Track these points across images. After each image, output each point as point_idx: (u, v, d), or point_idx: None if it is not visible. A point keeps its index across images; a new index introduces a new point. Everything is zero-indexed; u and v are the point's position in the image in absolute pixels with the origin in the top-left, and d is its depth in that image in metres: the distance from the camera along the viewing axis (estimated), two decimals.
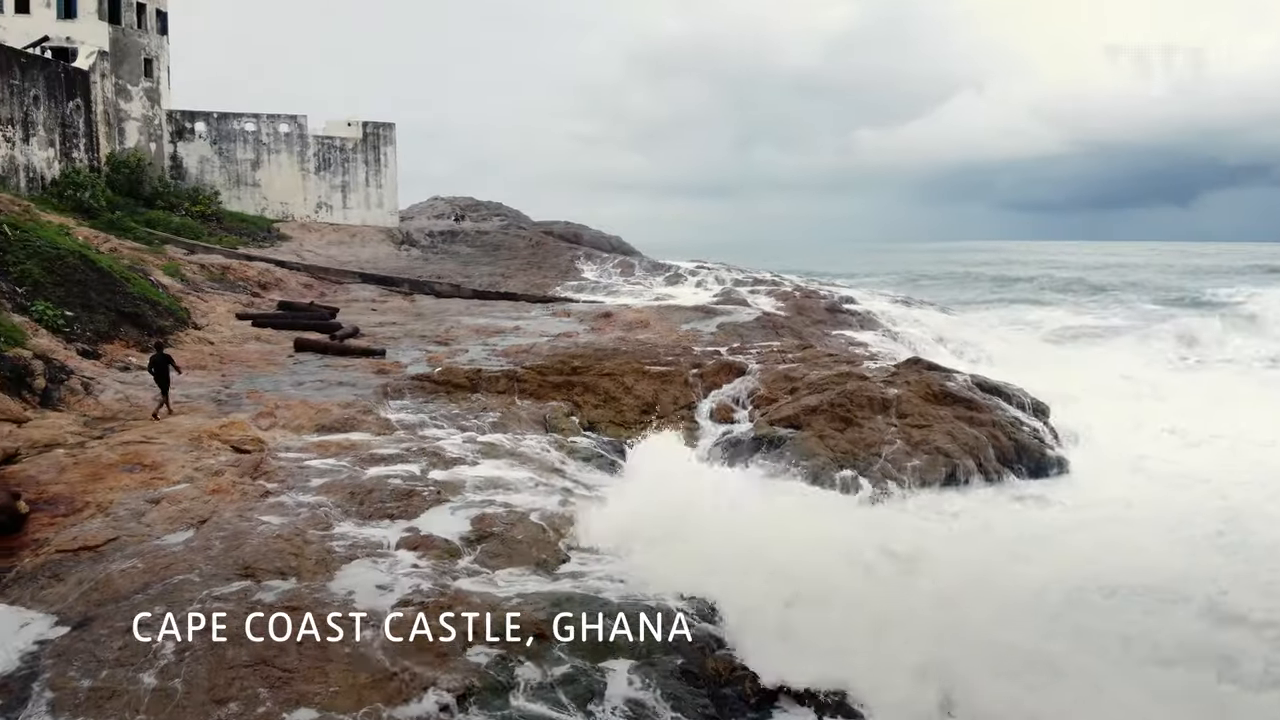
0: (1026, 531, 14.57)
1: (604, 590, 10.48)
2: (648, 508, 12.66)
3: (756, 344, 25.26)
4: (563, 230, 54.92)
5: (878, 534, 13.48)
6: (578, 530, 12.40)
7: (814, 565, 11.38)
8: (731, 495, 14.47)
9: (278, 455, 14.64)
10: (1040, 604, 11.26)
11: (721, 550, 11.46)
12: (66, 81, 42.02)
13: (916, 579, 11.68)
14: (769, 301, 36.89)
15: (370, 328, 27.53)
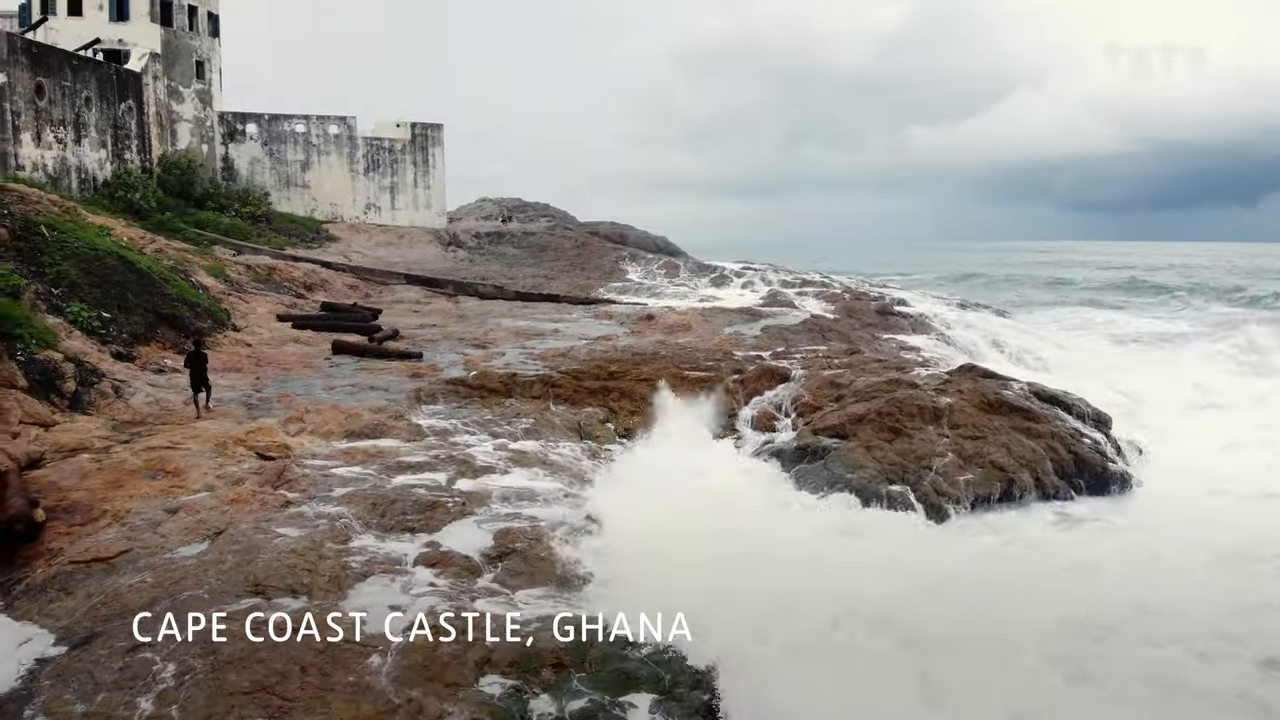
0: (1082, 556, 13.51)
1: (628, 616, 9.81)
2: (680, 526, 11.98)
3: (802, 349, 24.43)
4: (608, 231, 54.47)
5: (925, 558, 12.66)
6: (605, 548, 11.76)
7: (859, 596, 10.61)
8: (773, 513, 13.72)
9: (303, 463, 14.24)
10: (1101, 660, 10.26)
11: (749, 575, 10.75)
12: (118, 83, 42.52)
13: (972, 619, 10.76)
14: (817, 304, 35.97)
15: (411, 329, 27.23)
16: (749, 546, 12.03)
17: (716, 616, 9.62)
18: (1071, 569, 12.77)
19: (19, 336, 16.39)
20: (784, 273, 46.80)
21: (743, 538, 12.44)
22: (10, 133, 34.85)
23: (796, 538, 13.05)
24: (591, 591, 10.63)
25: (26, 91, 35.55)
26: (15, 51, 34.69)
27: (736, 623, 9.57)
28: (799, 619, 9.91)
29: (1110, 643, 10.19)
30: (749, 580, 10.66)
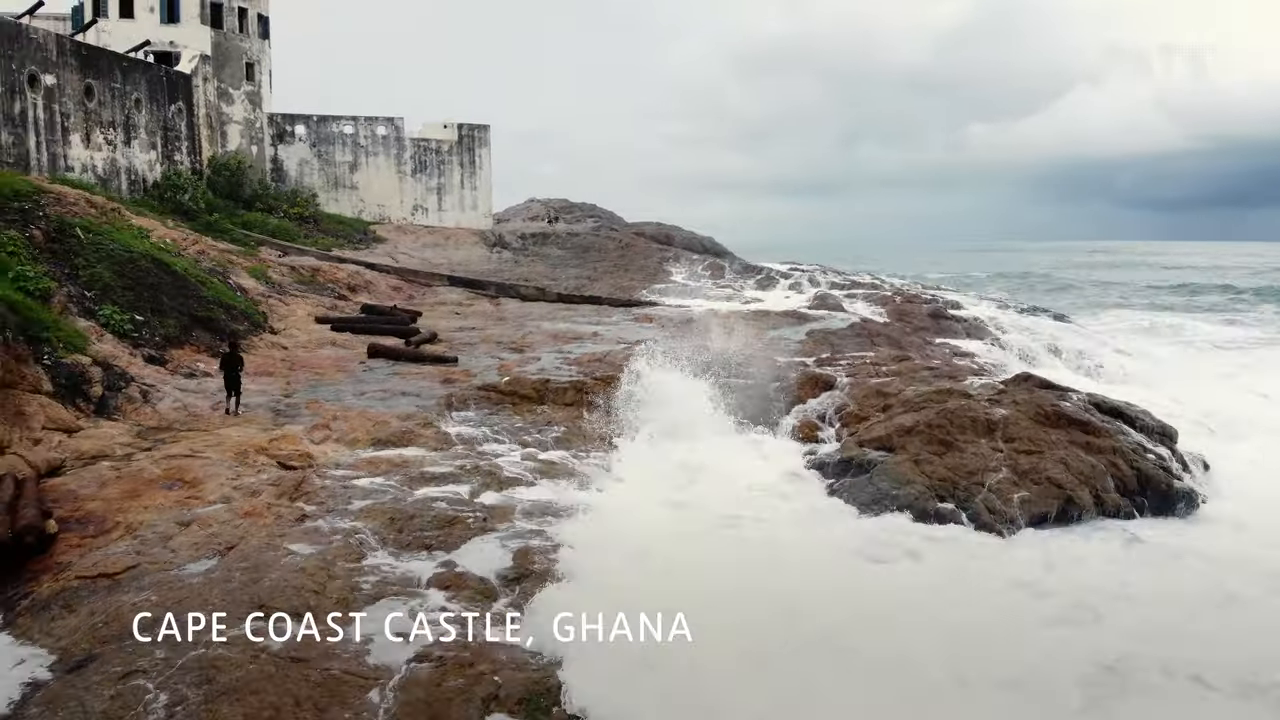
0: (1144, 586, 12.47)
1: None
2: (705, 547, 11.27)
3: (848, 354, 23.52)
4: (654, 231, 53.80)
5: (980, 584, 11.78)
6: (627, 569, 11.09)
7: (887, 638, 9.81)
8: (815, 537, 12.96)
9: (324, 473, 13.79)
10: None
11: (791, 619, 9.99)
12: (168, 85, 42.88)
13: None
14: (866, 307, 34.90)
15: (450, 332, 26.84)
16: (786, 575, 11.27)
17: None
18: (1131, 599, 11.77)
19: (46, 340, 16.21)
20: (833, 274, 45.70)
21: (781, 565, 11.68)
22: (59, 134, 35.20)
23: (836, 564, 12.24)
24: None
25: (75, 93, 35.88)
26: (64, 53, 35.01)
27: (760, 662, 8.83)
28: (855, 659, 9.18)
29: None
30: (793, 626, 9.85)
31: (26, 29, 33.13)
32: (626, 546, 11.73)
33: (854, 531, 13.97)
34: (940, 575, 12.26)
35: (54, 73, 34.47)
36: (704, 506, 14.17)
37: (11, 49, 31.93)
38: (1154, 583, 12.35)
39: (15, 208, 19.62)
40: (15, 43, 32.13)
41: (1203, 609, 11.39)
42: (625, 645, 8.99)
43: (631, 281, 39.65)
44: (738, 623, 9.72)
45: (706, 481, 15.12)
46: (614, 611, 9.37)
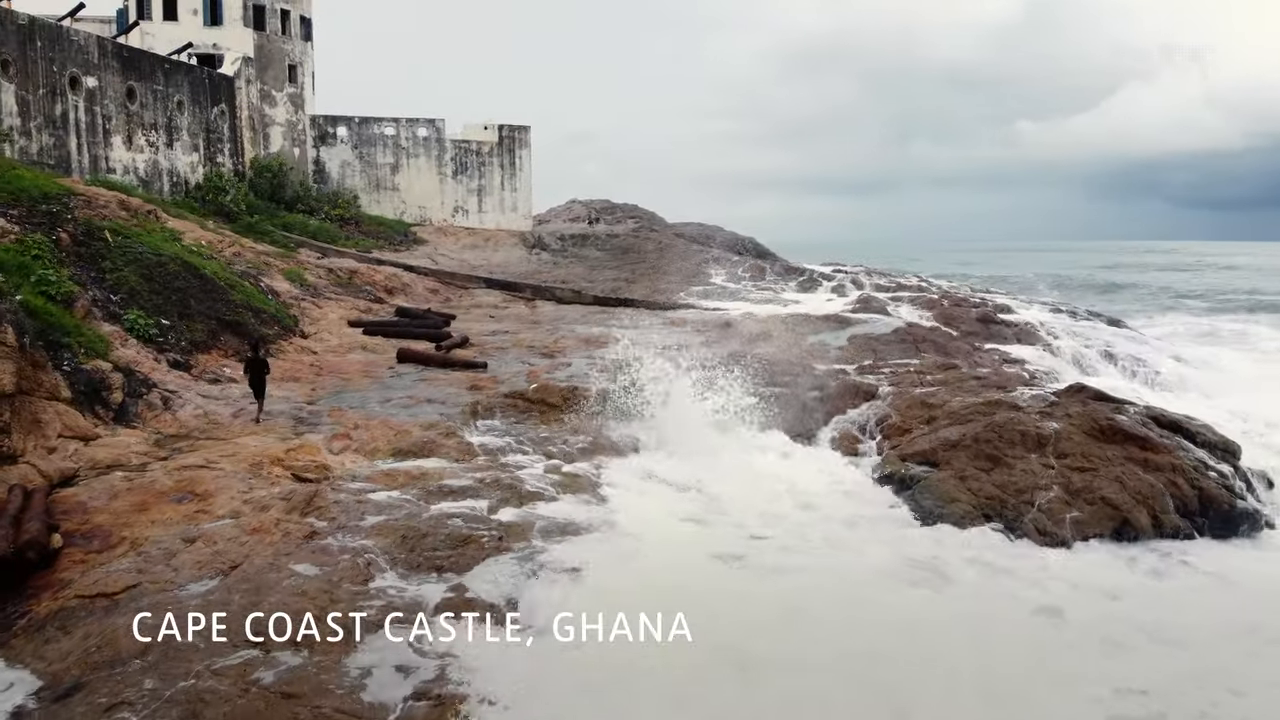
0: (1198, 616, 11.52)
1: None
2: (730, 574, 10.56)
3: (892, 361, 22.62)
4: (694, 232, 53.06)
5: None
6: (646, 597, 10.42)
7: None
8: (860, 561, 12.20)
9: (339, 486, 13.32)
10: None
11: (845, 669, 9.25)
12: (211, 87, 43.10)
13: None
14: (912, 310, 33.86)
15: (482, 336, 26.39)
16: (832, 606, 10.52)
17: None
18: (1184, 629, 10.83)
19: (66, 346, 15.96)
20: (878, 276, 44.59)
21: (824, 593, 10.93)
22: (101, 136, 35.41)
23: (874, 585, 11.45)
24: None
25: (117, 95, 36.09)
26: (105, 55, 35.20)
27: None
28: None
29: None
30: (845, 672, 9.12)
31: (67, 31, 33.30)
32: (644, 570, 11.08)
33: (894, 550, 13.15)
34: (977, 601, 11.43)
35: (95, 75, 34.68)
36: (733, 523, 13.47)
37: (52, 51, 32.14)
38: (1210, 613, 11.40)
39: (43, 210, 19.49)
40: (56, 45, 32.35)
41: (1266, 647, 10.45)
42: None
43: (670, 284, 38.96)
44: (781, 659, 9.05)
45: (735, 496, 14.38)
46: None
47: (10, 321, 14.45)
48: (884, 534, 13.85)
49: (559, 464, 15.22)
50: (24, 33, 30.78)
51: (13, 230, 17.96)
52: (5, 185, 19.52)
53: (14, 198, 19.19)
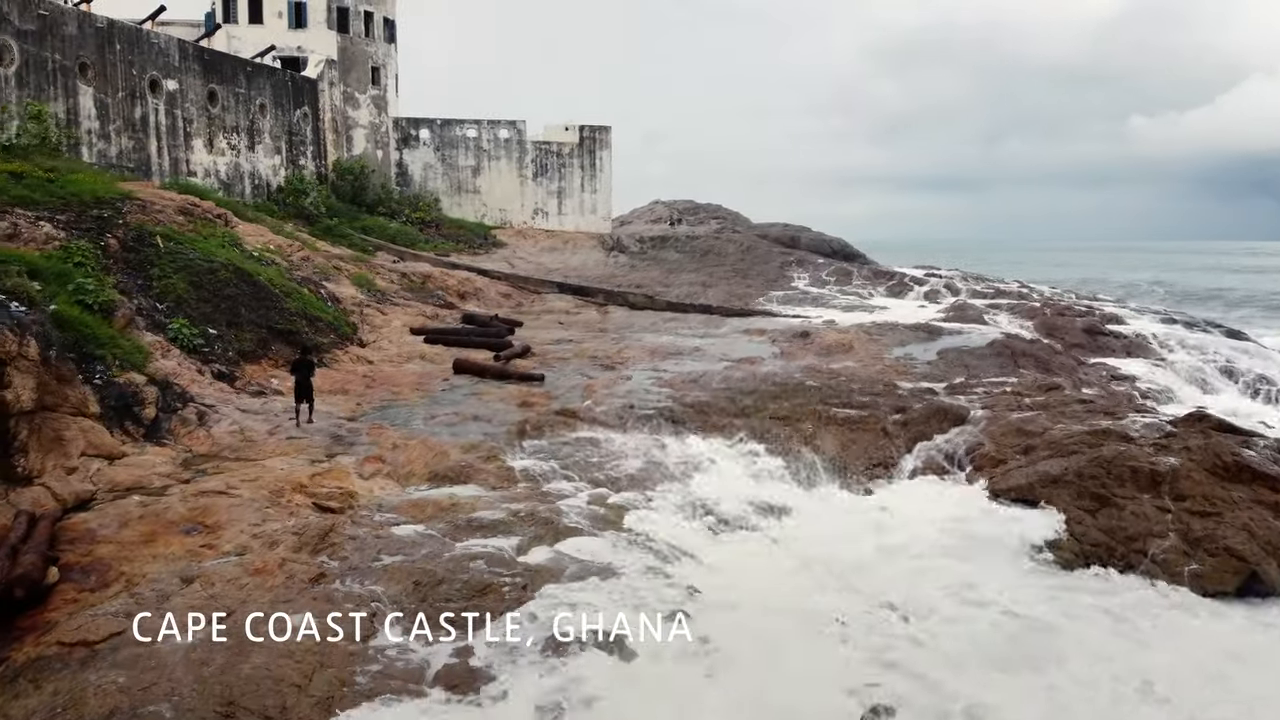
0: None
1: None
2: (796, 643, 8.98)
3: (986, 379, 20.59)
4: (778, 233, 51.12)
5: None
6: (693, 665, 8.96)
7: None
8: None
9: (359, 518, 12.22)
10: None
11: None
12: (293, 90, 43.19)
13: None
14: (1010, 319, 31.51)
15: (546, 345, 25.27)
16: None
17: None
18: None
19: (100, 358, 15.31)
20: (974, 280, 42.10)
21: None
22: (181, 139, 35.55)
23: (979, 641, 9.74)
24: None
25: (198, 98, 36.21)
26: (186, 58, 35.34)
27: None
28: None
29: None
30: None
31: (147, 34, 33.45)
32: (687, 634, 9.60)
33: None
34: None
35: (176, 78, 34.82)
36: (835, 587, 11.82)
37: (131, 54, 32.28)
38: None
39: (93, 215, 19.06)
40: (135, 48, 32.49)
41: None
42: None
43: (749, 288, 37.31)
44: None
45: (803, 541, 12.79)
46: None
47: (35, 334, 13.80)
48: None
49: (605, 493, 13.87)
50: (103, 36, 30.94)
51: (58, 236, 17.51)
52: (58, 189, 19.16)
53: (64, 203, 18.80)
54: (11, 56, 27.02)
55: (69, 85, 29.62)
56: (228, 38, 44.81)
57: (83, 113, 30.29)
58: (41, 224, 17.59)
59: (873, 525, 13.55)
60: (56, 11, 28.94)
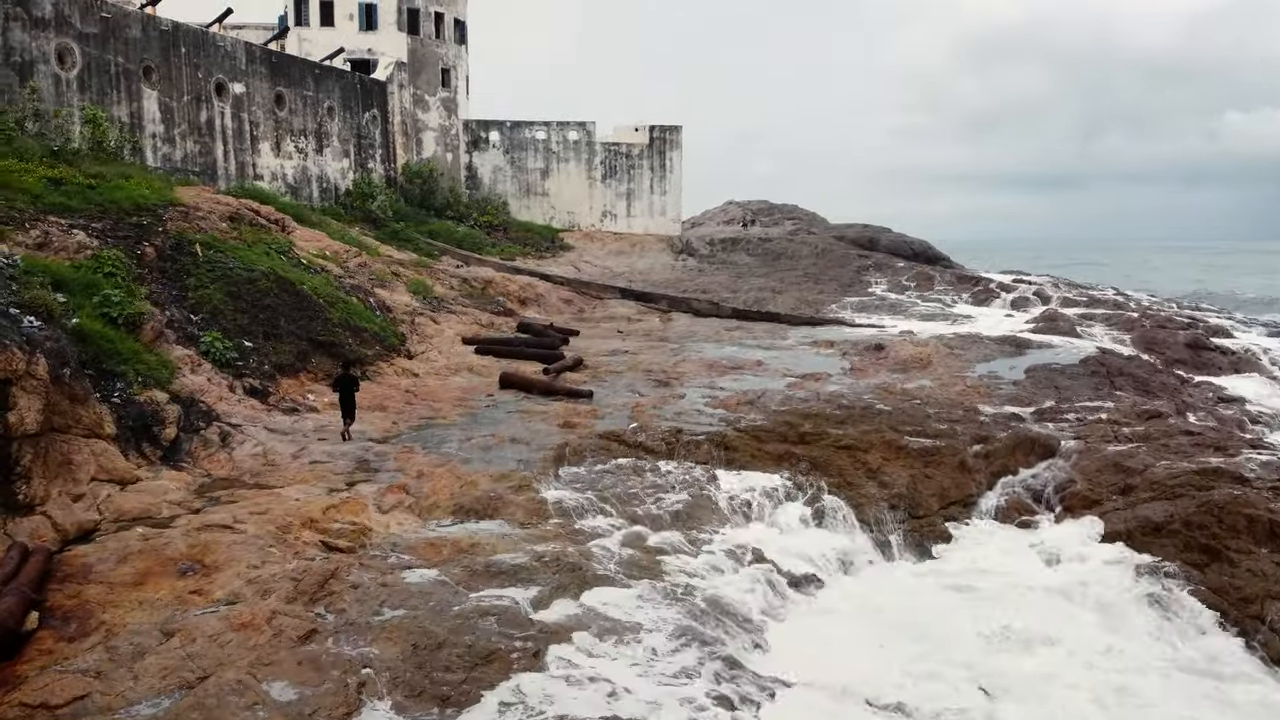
0: None
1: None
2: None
3: (1079, 403, 18.63)
4: (856, 235, 49.00)
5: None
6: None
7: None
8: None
9: (369, 560, 11.14)
10: None
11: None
12: (362, 92, 42.89)
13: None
14: (1105, 332, 29.21)
15: (601, 356, 24.07)
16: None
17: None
18: None
19: (121, 374, 14.60)
20: (1065, 287, 39.53)
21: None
22: (248, 143, 35.38)
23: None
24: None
25: (265, 101, 36.01)
26: (253, 61, 35.13)
27: None
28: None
29: None
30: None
31: (212, 37, 33.29)
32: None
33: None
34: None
35: (242, 81, 34.64)
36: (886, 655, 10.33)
37: (197, 57, 32.13)
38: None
39: (131, 223, 18.50)
40: (201, 51, 32.34)
41: None
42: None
43: (821, 294, 35.53)
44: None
45: (870, 601, 11.25)
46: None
47: (47, 351, 13.09)
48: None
49: (643, 533, 12.54)
50: (167, 39, 30.81)
51: (90, 245, 16.94)
52: (97, 196, 18.65)
53: (102, 210, 18.27)
54: (73, 59, 26.94)
55: (132, 89, 29.52)
56: (299, 40, 44.79)
57: (146, 116, 30.18)
58: (75, 232, 17.05)
59: (956, 582, 11.92)
60: (119, 14, 28.83)
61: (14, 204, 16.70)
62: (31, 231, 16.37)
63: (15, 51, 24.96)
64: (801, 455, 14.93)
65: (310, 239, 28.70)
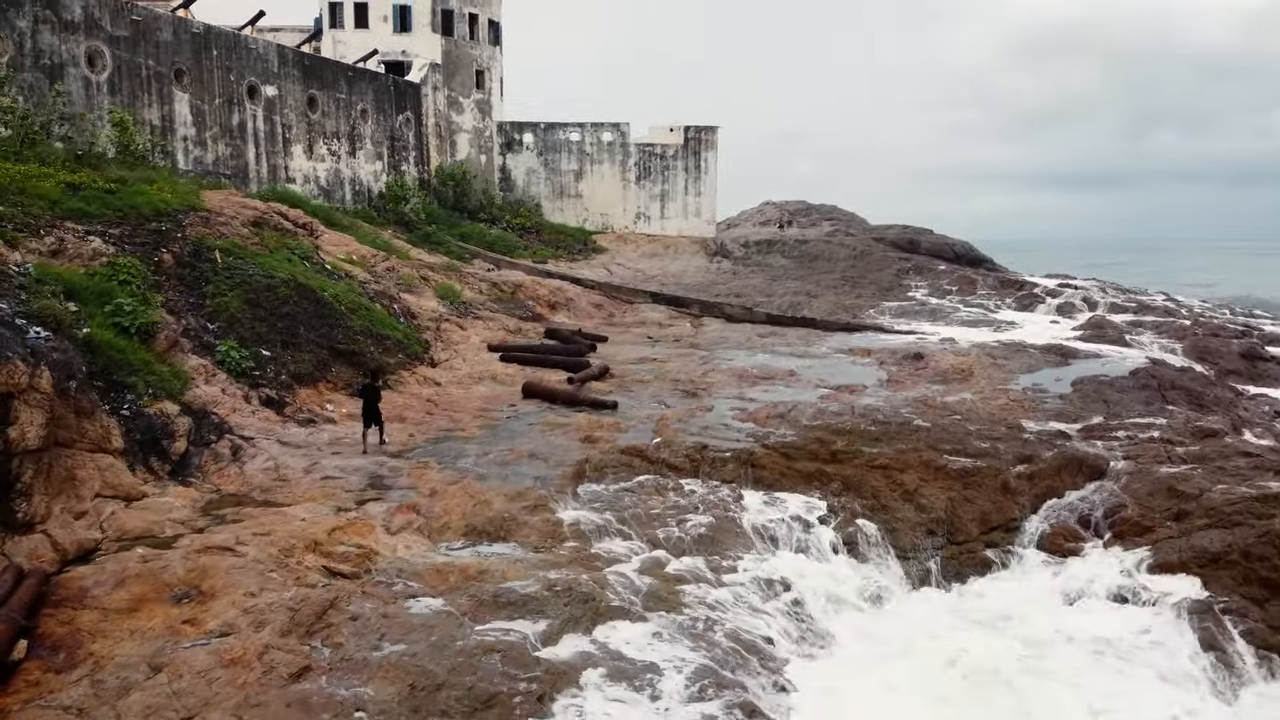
0: None
1: None
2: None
3: (1129, 419, 17.66)
4: (896, 236, 47.85)
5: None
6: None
7: None
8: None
9: (372, 587, 10.62)
10: None
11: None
12: (396, 95, 42.67)
13: None
14: (1154, 339, 28.04)
15: (628, 364, 23.44)
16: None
17: None
18: None
19: (131, 386, 14.24)
20: (1112, 291, 38.23)
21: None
22: (280, 145, 35.24)
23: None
24: None
25: (297, 104, 35.86)
26: (285, 64, 34.98)
27: None
28: None
29: None
30: None
31: (245, 40, 33.16)
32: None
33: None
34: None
35: (275, 84, 34.50)
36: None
37: (229, 60, 32.00)
38: None
39: (150, 229, 18.20)
40: (233, 53, 32.20)
41: None
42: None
43: (859, 298, 34.60)
44: None
45: (907, 642, 10.50)
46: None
47: (52, 362, 12.74)
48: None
49: (663, 558, 11.90)
50: (199, 41, 30.70)
51: (106, 252, 16.65)
52: (116, 202, 18.38)
53: (121, 216, 17.99)
54: (103, 62, 26.85)
55: (164, 91, 29.42)
56: (334, 42, 44.70)
57: (178, 119, 30.08)
58: (91, 239, 16.77)
59: (996, 622, 11.12)
60: (150, 17, 28.73)
61: (30, 210, 16.45)
62: (46, 238, 16.10)
63: (44, 54, 24.90)
64: (833, 475, 14.20)
65: (338, 243, 28.40)
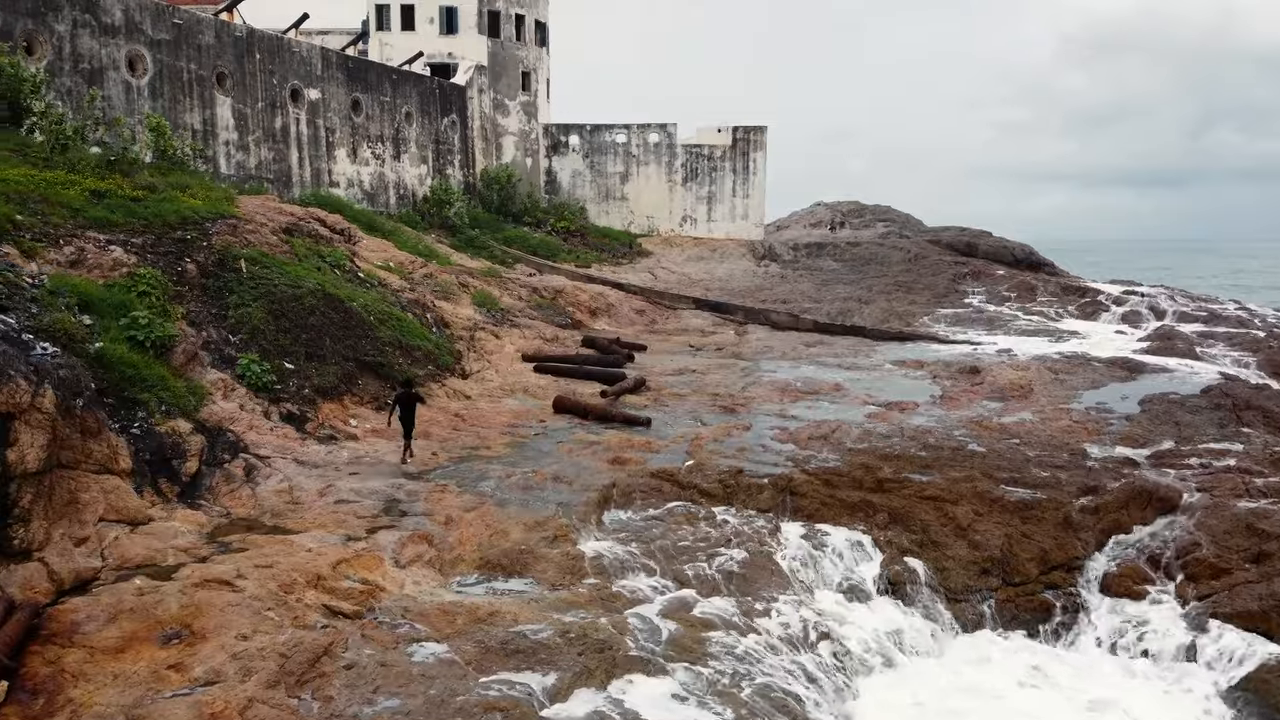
0: None
1: None
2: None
3: (1202, 444, 16.31)
4: (952, 238, 46.25)
5: None
6: None
7: None
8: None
9: (373, 629, 9.89)
10: None
11: None
12: (441, 97, 42.30)
13: None
14: (1226, 351, 26.36)
15: (666, 375, 22.56)
16: None
17: None
18: None
19: (143, 403, 13.73)
20: (1180, 299, 36.33)
21: None
22: (323, 149, 34.99)
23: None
24: None
25: (341, 107, 35.59)
26: (329, 67, 34.71)
27: None
28: None
29: None
30: None
31: (288, 43, 32.92)
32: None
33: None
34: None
35: (318, 87, 34.25)
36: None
37: (272, 64, 31.77)
38: None
39: (175, 238, 17.77)
40: (276, 57, 31.97)
41: None
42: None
43: (912, 304, 33.26)
44: None
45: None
46: None
47: (57, 380, 12.24)
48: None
49: (690, 598, 11.01)
50: (241, 45, 30.49)
51: (127, 262, 16.21)
52: (141, 210, 17.99)
53: (145, 224, 17.57)
54: (144, 66, 26.69)
55: (206, 95, 29.23)
56: (380, 45, 44.51)
57: (220, 123, 29.90)
58: (112, 249, 16.35)
59: (1056, 682, 10.02)
60: (192, 21, 28.55)
61: (50, 219, 16.09)
62: (66, 248, 15.70)
63: (84, 58, 24.76)
64: (879, 505, 13.16)
65: (376, 249, 27.96)
